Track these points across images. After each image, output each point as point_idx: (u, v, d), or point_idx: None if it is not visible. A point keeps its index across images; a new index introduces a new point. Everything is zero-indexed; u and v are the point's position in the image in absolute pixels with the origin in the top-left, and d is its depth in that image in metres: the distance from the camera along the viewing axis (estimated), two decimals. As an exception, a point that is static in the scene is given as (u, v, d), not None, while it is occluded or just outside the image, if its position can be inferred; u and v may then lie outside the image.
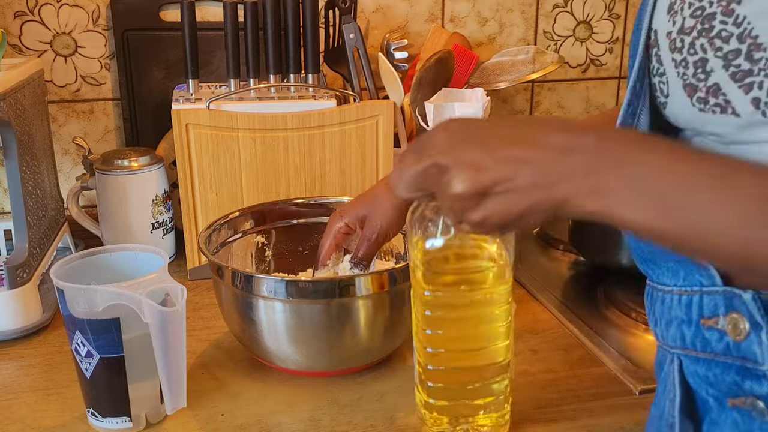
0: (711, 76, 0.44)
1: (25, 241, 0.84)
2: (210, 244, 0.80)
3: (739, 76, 0.43)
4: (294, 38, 0.98)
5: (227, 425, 0.68)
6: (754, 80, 0.43)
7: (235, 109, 0.93)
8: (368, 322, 0.72)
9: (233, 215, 0.86)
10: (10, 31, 1.08)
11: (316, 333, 0.71)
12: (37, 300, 0.85)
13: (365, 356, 0.75)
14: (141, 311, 0.61)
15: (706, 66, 0.45)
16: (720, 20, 0.44)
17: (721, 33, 0.43)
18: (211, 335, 0.83)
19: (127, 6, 1.10)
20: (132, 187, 0.98)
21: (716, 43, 0.44)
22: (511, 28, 1.27)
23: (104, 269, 0.68)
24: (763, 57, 0.42)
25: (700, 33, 0.45)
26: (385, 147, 0.98)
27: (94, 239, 1.04)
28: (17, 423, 0.68)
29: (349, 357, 0.74)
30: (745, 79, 0.43)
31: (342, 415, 0.69)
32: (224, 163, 0.94)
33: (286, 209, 0.90)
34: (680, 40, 0.46)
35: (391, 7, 1.21)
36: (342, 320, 0.71)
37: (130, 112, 1.13)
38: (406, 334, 0.78)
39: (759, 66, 0.42)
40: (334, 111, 0.95)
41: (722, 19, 0.43)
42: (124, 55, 1.11)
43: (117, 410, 0.66)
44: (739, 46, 0.43)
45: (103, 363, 0.64)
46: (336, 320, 0.70)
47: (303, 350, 0.72)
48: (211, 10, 1.14)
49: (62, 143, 1.14)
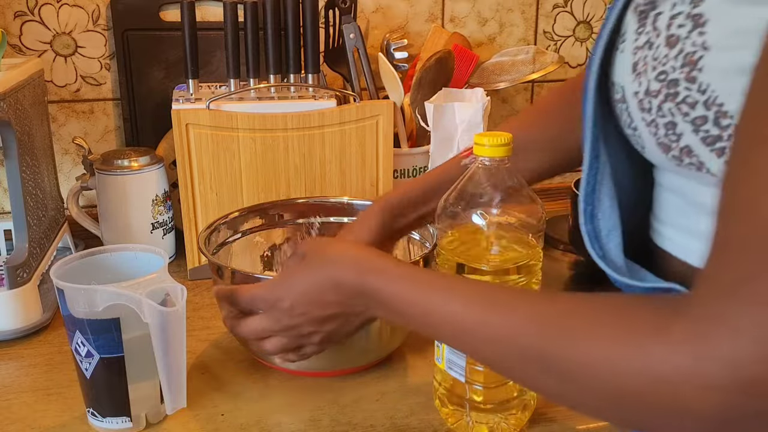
0: (682, 138, 0.43)
1: (25, 241, 0.84)
2: (209, 244, 0.80)
3: (709, 140, 0.42)
4: (294, 38, 0.98)
5: (227, 425, 0.67)
6: (725, 145, 0.42)
7: (235, 109, 0.93)
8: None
9: (233, 215, 0.86)
10: (10, 31, 1.08)
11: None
12: (37, 300, 0.85)
13: (365, 356, 0.75)
14: (141, 311, 0.61)
15: (676, 129, 0.43)
16: (684, 86, 0.42)
17: (687, 99, 0.42)
18: (211, 335, 0.83)
19: (127, 6, 1.10)
20: (132, 187, 0.98)
21: (683, 109, 0.42)
22: (511, 28, 1.27)
23: (104, 269, 0.68)
24: (731, 123, 0.41)
25: (666, 97, 0.43)
26: (385, 147, 0.98)
27: (94, 239, 1.04)
28: (17, 423, 0.68)
29: (349, 357, 0.74)
30: (715, 143, 0.42)
31: (342, 415, 0.69)
32: (224, 163, 0.94)
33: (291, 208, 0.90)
34: (648, 101, 0.45)
35: (391, 7, 1.21)
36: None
37: (130, 112, 1.13)
38: (406, 335, 0.78)
39: (728, 132, 0.41)
40: (334, 111, 0.95)
41: (686, 85, 0.42)
42: (124, 55, 1.11)
43: (117, 410, 0.66)
44: (706, 113, 0.42)
45: (103, 363, 0.64)
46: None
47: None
48: (211, 10, 1.14)
49: (62, 143, 1.14)
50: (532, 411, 0.67)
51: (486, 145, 0.60)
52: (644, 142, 0.47)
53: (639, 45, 0.46)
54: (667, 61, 0.43)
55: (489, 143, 0.60)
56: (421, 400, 0.71)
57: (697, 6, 0.42)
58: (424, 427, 0.67)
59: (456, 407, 0.66)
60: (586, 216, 0.49)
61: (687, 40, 0.42)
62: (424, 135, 1.09)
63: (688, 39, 0.42)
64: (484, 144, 0.60)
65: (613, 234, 0.50)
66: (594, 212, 0.50)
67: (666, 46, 0.43)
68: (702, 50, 0.41)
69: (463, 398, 0.65)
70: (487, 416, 0.65)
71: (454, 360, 0.64)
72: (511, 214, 0.61)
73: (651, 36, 0.45)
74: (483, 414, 0.65)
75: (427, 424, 0.68)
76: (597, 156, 0.49)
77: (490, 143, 0.60)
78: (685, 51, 0.42)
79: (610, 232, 0.50)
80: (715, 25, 0.41)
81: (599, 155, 0.49)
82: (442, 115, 1.00)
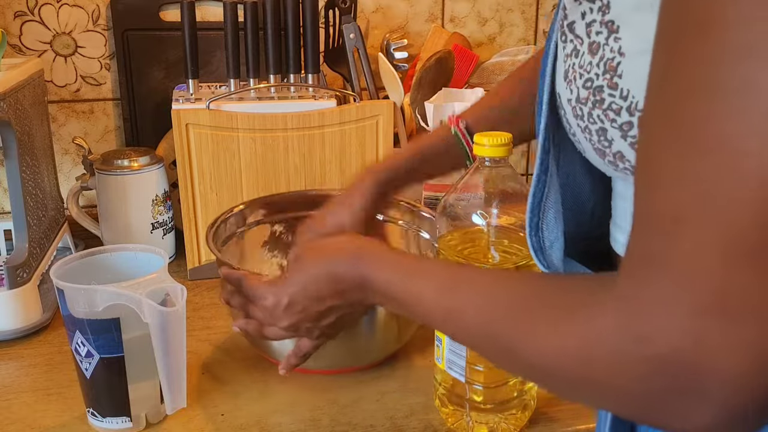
0: (613, 144, 0.44)
1: (25, 241, 0.84)
2: (216, 240, 0.80)
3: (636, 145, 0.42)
4: (294, 38, 0.98)
5: (227, 425, 0.68)
6: None
7: (235, 109, 0.93)
8: (370, 322, 0.72)
9: (238, 208, 0.86)
10: (10, 31, 1.08)
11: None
12: (37, 300, 0.85)
13: (366, 356, 0.75)
14: (141, 311, 0.61)
15: (607, 135, 0.44)
16: (608, 93, 0.42)
17: (612, 106, 0.42)
18: (211, 335, 0.83)
19: (127, 6, 1.10)
20: (132, 187, 0.98)
21: (610, 115, 0.43)
22: (511, 28, 1.27)
23: (104, 269, 0.68)
24: None
25: (594, 104, 0.44)
26: (385, 147, 0.98)
27: (94, 239, 1.04)
28: (17, 423, 0.68)
29: (350, 356, 0.74)
30: None
31: (342, 415, 0.69)
32: (224, 163, 0.94)
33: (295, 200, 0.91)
34: (579, 108, 0.45)
35: (391, 7, 1.21)
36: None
37: (130, 112, 1.13)
38: (407, 335, 0.78)
39: None
40: (334, 111, 0.95)
41: (610, 92, 0.42)
42: (124, 55, 1.11)
43: (117, 410, 0.66)
44: (630, 118, 0.42)
45: (103, 363, 0.64)
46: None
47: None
48: (211, 10, 1.14)
49: (62, 143, 1.14)
50: (532, 411, 0.67)
51: (486, 145, 0.60)
52: (584, 148, 0.48)
53: (567, 53, 0.46)
54: (591, 68, 0.43)
55: (489, 143, 0.60)
56: (421, 400, 0.71)
57: (606, 14, 0.42)
58: (424, 427, 0.67)
59: (456, 407, 0.66)
60: (531, 228, 0.50)
61: (606, 46, 0.42)
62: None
63: (606, 45, 0.42)
64: (484, 144, 0.60)
65: (556, 245, 0.51)
66: (539, 224, 0.50)
67: (589, 54, 0.44)
68: (619, 56, 0.41)
69: (463, 398, 0.65)
70: (487, 416, 0.65)
71: (454, 360, 0.64)
72: (511, 214, 0.61)
73: (576, 44, 0.45)
74: (483, 414, 0.65)
75: (427, 424, 0.68)
76: (546, 169, 0.50)
77: (490, 143, 0.60)
78: (606, 57, 0.42)
79: (553, 244, 0.51)
80: (626, 31, 0.41)
81: (548, 168, 0.50)
82: (442, 115, 1.00)
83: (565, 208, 0.52)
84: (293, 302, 0.60)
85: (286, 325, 0.62)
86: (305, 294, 0.60)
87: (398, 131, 1.08)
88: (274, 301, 0.61)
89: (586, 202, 0.54)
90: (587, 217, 0.54)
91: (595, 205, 0.54)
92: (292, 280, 0.61)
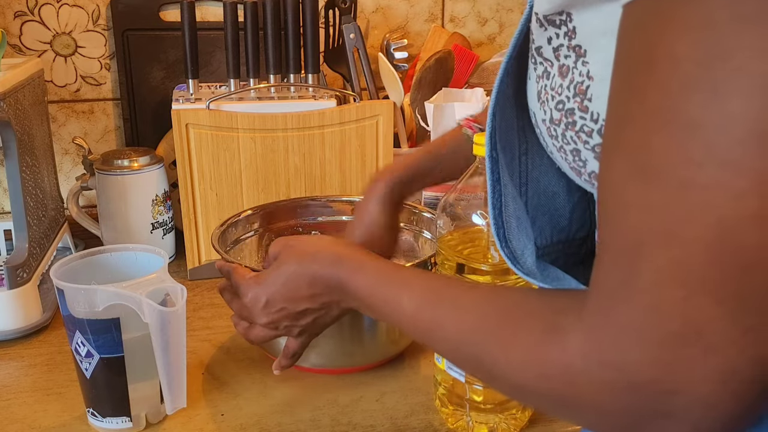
0: (587, 164, 0.44)
1: (25, 241, 0.84)
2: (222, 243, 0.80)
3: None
4: (294, 38, 0.98)
5: (227, 425, 0.68)
6: None
7: (235, 109, 0.93)
8: (371, 322, 0.72)
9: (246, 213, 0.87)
10: (10, 31, 1.08)
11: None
12: (37, 300, 0.85)
13: (367, 357, 0.75)
14: (141, 311, 0.61)
15: (581, 155, 0.44)
16: (580, 116, 0.42)
17: (584, 128, 0.42)
18: (211, 335, 0.83)
19: (127, 6, 1.10)
20: (132, 187, 0.98)
21: (582, 137, 0.43)
22: (511, 28, 1.27)
23: (104, 269, 0.68)
24: None
25: (567, 126, 0.44)
26: (385, 147, 0.98)
27: (94, 239, 1.04)
28: (17, 423, 0.68)
29: (350, 356, 0.74)
30: None
31: (342, 415, 0.69)
32: (224, 163, 0.94)
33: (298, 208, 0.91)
34: (553, 129, 0.45)
35: (391, 7, 1.21)
36: (345, 319, 0.70)
37: (130, 112, 1.13)
38: (408, 338, 0.78)
39: None
40: (334, 111, 0.95)
41: (581, 114, 0.42)
42: (124, 55, 1.11)
43: (117, 410, 0.66)
44: (602, 140, 0.41)
45: (103, 363, 0.64)
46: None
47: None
48: (211, 10, 1.14)
49: (62, 143, 1.14)
50: (532, 411, 0.67)
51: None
52: (561, 165, 0.48)
53: (539, 74, 0.46)
54: (562, 90, 0.43)
55: None
56: (421, 400, 0.71)
57: (573, 39, 0.42)
58: (424, 427, 0.67)
59: (456, 407, 0.66)
60: (500, 240, 0.50)
61: (575, 69, 0.42)
62: (424, 135, 1.09)
63: (576, 69, 0.42)
64: (484, 144, 0.60)
65: (527, 252, 0.51)
66: (506, 235, 0.51)
67: (559, 76, 0.44)
68: (588, 80, 0.41)
69: (463, 398, 0.65)
70: (487, 416, 0.65)
71: (454, 360, 0.64)
72: None
73: (546, 66, 0.45)
74: (483, 414, 0.65)
75: (427, 424, 0.68)
76: (498, 179, 0.50)
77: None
78: (575, 81, 0.42)
79: (524, 251, 0.51)
80: (594, 56, 0.41)
81: (500, 178, 0.50)
82: (442, 115, 1.01)
83: (541, 213, 0.52)
84: (271, 301, 0.61)
85: (264, 323, 0.63)
86: (283, 294, 0.61)
87: (398, 131, 1.08)
88: (253, 299, 0.62)
89: (562, 207, 0.54)
90: (566, 222, 0.54)
91: (573, 208, 0.54)
92: (270, 280, 0.62)
